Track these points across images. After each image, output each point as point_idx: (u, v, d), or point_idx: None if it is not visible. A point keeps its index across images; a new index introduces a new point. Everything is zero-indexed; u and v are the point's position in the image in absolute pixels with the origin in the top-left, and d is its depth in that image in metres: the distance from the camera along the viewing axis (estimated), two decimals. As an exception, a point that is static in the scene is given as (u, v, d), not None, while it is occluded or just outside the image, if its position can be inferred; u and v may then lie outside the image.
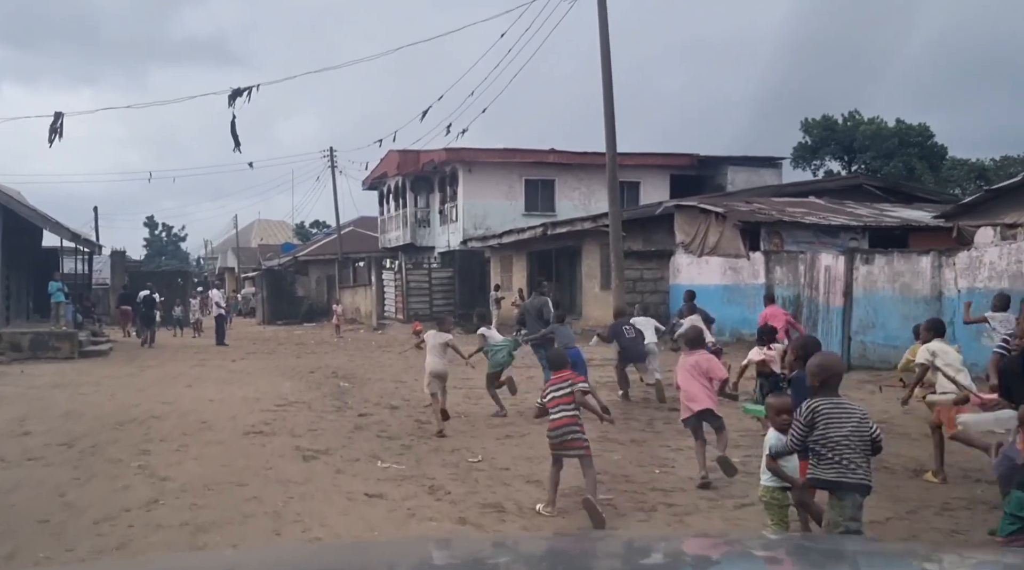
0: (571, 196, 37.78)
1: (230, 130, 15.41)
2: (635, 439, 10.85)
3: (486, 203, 37.02)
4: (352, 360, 23.05)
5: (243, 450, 10.40)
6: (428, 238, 40.49)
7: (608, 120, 19.89)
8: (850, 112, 41.05)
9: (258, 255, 58.13)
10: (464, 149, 36.51)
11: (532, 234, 29.93)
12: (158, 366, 21.38)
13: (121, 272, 41.60)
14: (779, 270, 19.56)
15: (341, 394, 15.96)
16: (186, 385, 16.98)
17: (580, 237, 28.28)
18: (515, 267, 33.37)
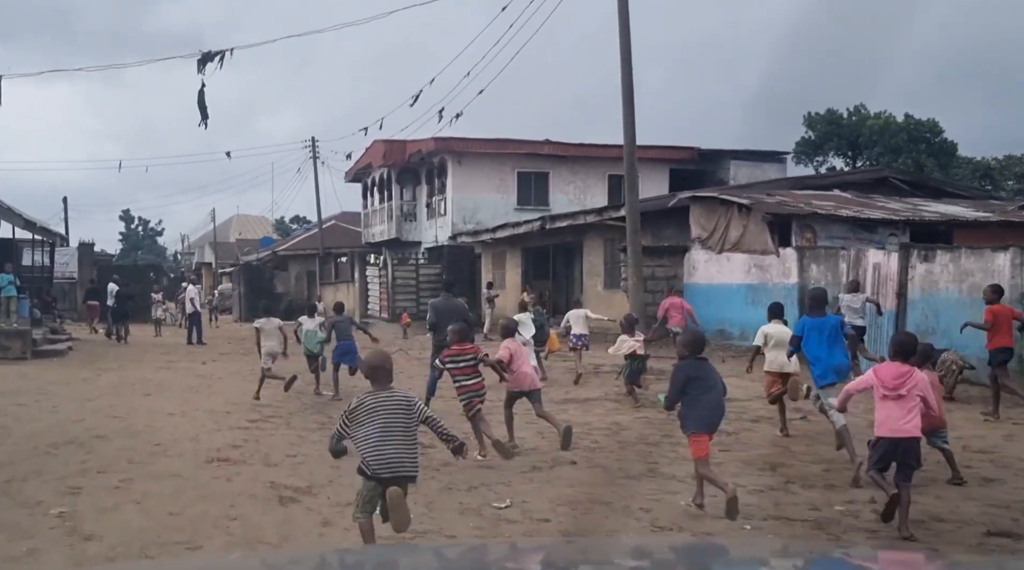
0: (566, 190, 35.56)
1: (197, 101, 13.01)
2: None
3: (477, 196, 34.73)
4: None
5: (202, 487, 8.06)
6: (415, 233, 38.12)
7: (626, 101, 17.65)
8: (855, 106, 39.16)
9: (236, 250, 55.49)
10: (454, 139, 34.23)
11: (528, 228, 27.66)
12: (118, 369, 18.93)
13: (89, 265, 38.95)
14: (815, 268, 17.38)
15: (325, 406, 13.66)
16: (145, 394, 14.57)
17: (581, 232, 26.04)
18: (508, 264, 31.08)
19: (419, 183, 38.05)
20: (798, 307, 17.75)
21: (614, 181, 36.03)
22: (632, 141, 18.01)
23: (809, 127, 40.20)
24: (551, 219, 26.46)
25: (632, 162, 17.94)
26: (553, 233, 27.17)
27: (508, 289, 30.50)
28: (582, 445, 10.06)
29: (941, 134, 37.79)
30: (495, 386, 10.59)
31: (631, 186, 17.97)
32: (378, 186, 40.06)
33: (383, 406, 5.66)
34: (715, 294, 20.21)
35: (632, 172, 18.08)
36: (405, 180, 38.30)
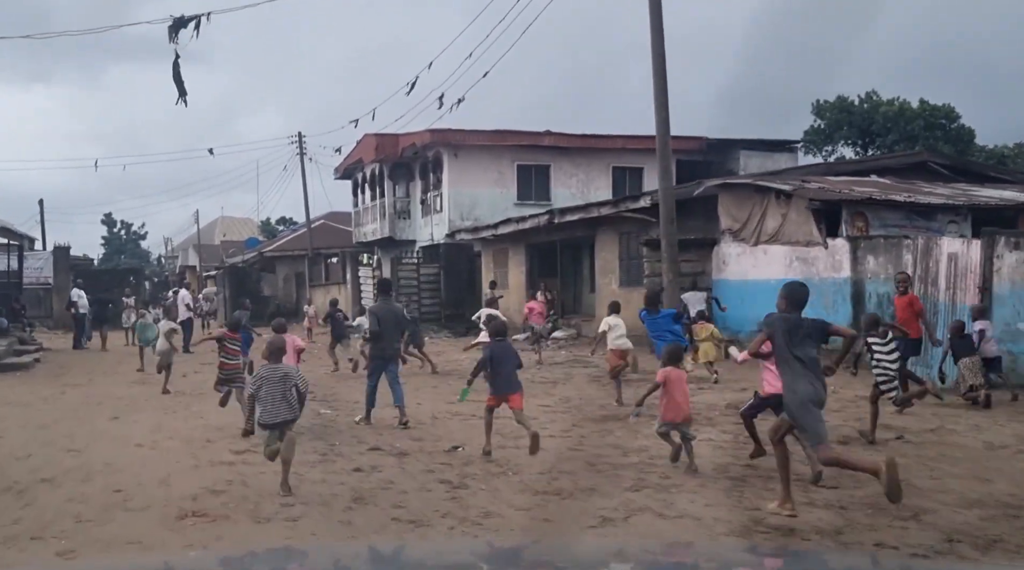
0: (568, 183, 33.44)
1: (173, 75, 10.85)
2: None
3: (474, 191, 32.58)
4: (333, 374, 18.55)
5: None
6: (409, 231, 35.94)
7: (658, 71, 15.52)
8: (867, 93, 37.17)
9: (221, 252, 53.11)
10: (449, 130, 32.08)
11: (535, 223, 25.52)
12: (87, 384, 16.70)
13: (65, 270, 36.54)
14: (872, 260, 15.32)
15: (324, 429, 11.51)
16: (112, 417, 12.35)
17: (593, 226, 23.93)
18: (511, 261, 28.94)
19: (413, 179, 35.88)
20: (851, 303, 15.75)
21: (618, 173, 34.05)
22: (665, 118, 15.89)
23: (818, 115, 38.23)
24: (560, 212, 24.34)
25: (665, 142, 15.82)
26: (561, 228, 25.05)
27: (512, 289, 28.38)
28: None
29: (958, 120, 35.90)
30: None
31: (664, 172, 15.84)
32: (369, 183, 37.85)
33: (271, 376, 7.96)
34: (750, 291, 18.15)
35: (665, 151, 15.95)
36: (398, 176, 36.11)
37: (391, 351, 11.92)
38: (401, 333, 12.43)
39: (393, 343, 12.00)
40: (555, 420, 11.64)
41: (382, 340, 11.79)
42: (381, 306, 12.31)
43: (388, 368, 11.79)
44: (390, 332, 11.91)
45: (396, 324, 12.10)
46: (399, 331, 12.32)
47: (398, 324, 12.21)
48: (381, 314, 12.11)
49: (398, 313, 12.36)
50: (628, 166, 34.13)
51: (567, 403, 13.25)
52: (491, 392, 9.36)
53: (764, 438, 8.01)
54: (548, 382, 15.80)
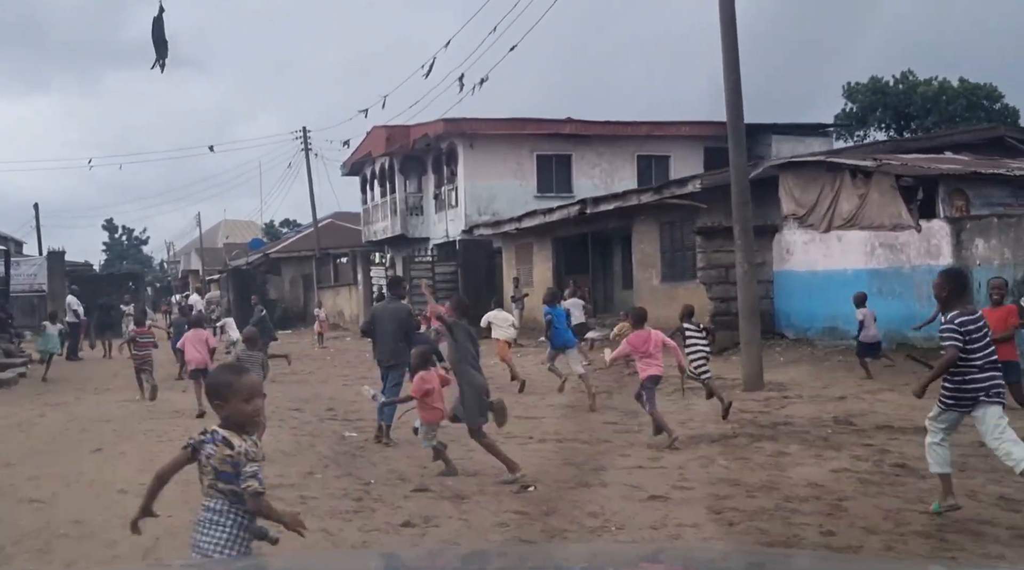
0: (591, 174, 31.20)
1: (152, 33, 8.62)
2: None
3: (491, 184, 30.33)
4: (351, 385, 16.34)
5: None
6: (422, 228, 33.67)
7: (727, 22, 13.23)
8: (902, 73, 34.90)
9: (224, 255, 50.89)
10: (464, 120, 29.86)
11: (564, 215, 23.25)
12: (73, 402, 14.48)
13: (60, 276, 34.28)
14: (982, 244, 13.05)
15: (352, 461, 9.33)
16: (93, 449, 10.10)
17: (629, 216, 21.66)
18: (536, 257, 26.68)
19: (425, 172, 33.61)
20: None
21: (643, 162, 31.82)
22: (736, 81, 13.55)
23: (849, 98, 35.96)
24: (593, 202, 22.06)
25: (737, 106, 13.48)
26: (593, 219, 22.80)
27: (537, 286, 26.10)
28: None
29: (1001, 99, 33.63)
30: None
31: (737, 143, 13.52)
32: (379, 178, 35.60)
33: (250, 361, 9.92)
34: (822, 284, 15.93)
35: (737, 120, 13.64)
36: (409, 170, 33.85)
37: (384, 355, 10.49)
38: (405, 335, 10.53)
39: (387, 346, 10.43)
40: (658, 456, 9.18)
41: (374, 342, 10.68)
42: (381, 305, 10.93)
43: (388, 375, 10.50)
44: (385, 334, 10.41)
45: (398, 326, 10.45)
46: (402, 333, 10.46)
47: (400, 326, 10.48)
48: (377, 313, 10.71)
49: (401, 314, 10.63)
50: (654, 154, 31.91)
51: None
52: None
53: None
54: (601, 391, 13.53)
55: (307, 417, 12.39)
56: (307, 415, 12.56)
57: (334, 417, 12.35)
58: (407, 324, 10.65)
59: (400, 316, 10.53)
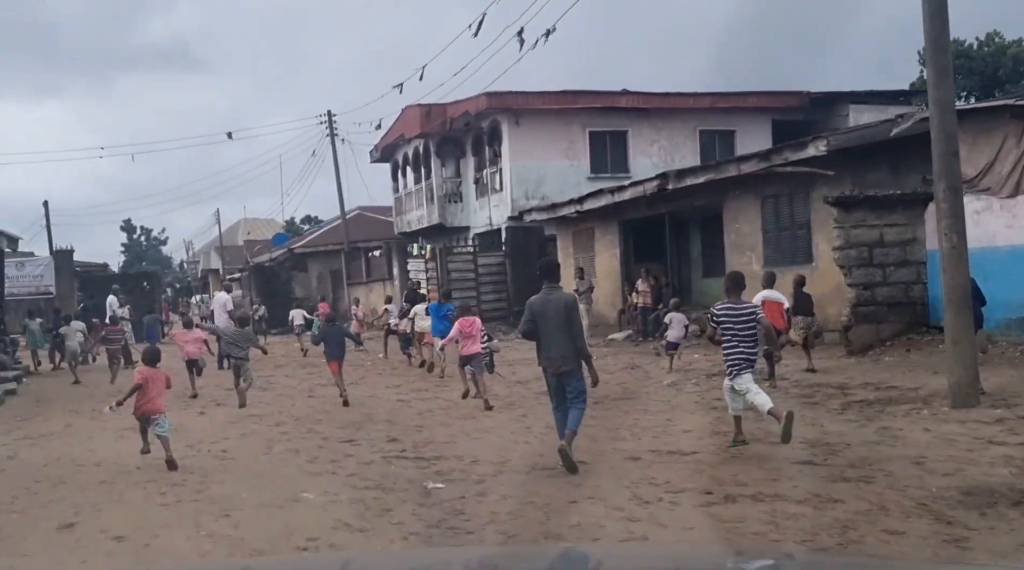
0: (648, 151, 27.80)
1: None
2: None
3: (540, 164, 26.97)
4: (406, 398, 13.04)
5: None
6: (461, 216, 30.32)
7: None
8: (987, 35, 31.21)
9: (245, 252, 47.66)
10: (510, 93, 26.58)
11: (638, 193, 19.79)
12: (60, 433, 11.19)
13: (69, 278, 31.19)
14: None
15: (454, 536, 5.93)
16: (61, 524, 6.71)
17: (721, 190, 18.20)
18: (599, 244, 23.23)
19: (464, 155, 30.25)
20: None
21: (706, 138, 28.42)
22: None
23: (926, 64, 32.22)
24: (677, 175, 18.59)
25: (941, 15, 9.87)
26: (672, 197, 19.36)
27: (601, 277, 22.76)
28: None
29: (1103, 59, 29.91)
30: None
31: (940, 74, 9.89)
32: (412, 163, 32.25)
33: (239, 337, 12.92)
34: (1004, 263, 12.44)
35: (940, 41, 10.01)
36: (446, 153, 30.49)
37: (554, 360, 8.07)
38: (575, 333, 8.21)
39: (557, 348, 8.05)
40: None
41: (539, 346, 8.24)
42: (540, 298, 8.19)
43: (559, 384, 8.13)
44: (551, 334, 8.09)
45: (566, 321, 8.09)
46: (572, 330, 8.13)
47: (569, 321, 8.12)
48: (537, 308, 8.18)
49: (567, 306, 8.15)
50: (717, 129, 28.48)
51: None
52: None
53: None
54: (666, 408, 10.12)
55: (365, 454, 9.04)
56: (365, 450, 9.22)
57: (403, 453, 8.99)
58: (576, 319, 8.16)
59: (567, 309, 8.07)
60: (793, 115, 28.14)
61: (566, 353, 7.98)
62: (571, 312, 8.08)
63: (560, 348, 7.96)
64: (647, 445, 8.87)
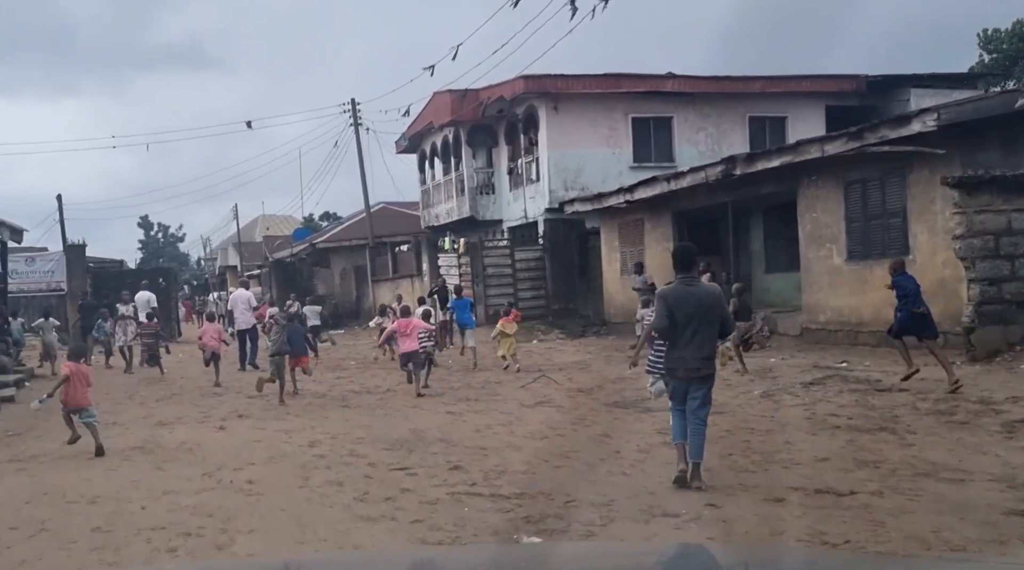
0: (695, 139, 25.90)
1: None
2: None
3: (579, 153, 25.12)
4: (455, 410, 11.20)
5: None
6: (493, 208, 28.46)
7: None
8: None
9: (264, 249, 45.98)
10: (548, 77, 24.78)
11: (698, 179, 17.88)
12: (56, 455, 9.36)
13: (81, 273, 29.46)
14: None
15: None
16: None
17: (793, 177, 16.27)
18: (650, 237, 21.30)
19: (496, 144, 28.40)
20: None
21: (756, 125, 26.49)
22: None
23: (986, 47, 30.26)
24: (746, 160, 16.66)
25: None
26: (736, 185, 17.45)
27: (651, 273, 20.80)
28: None
29: None
30: None
31: None
32: (441, 153, 30.41)
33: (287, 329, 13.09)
34: None
35: None
36: (477, 141, 28.63)
37: (691, 361, 7.08)
38: (719, 332, 7.46)
39: (697, 348, 7.07)
40: None
41: (670, 345, 7.27)
42: (680, 290, 7.13)
43: (689, 389, 7.11)
44: (690, 332, 7.07)
45: (711, 318, 7.15)
46: (716, 328, 7.24)
47: (714, 318, 7.17)
48: (672, 301, 7.14)
49: (712, 300, 7.17)
50: (768, 115, 26.53)
51: None
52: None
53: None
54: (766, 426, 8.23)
55: (426, 487, 7.18)
56: (424, 483, 7.37)
57: (474, 488, 7.12)
58: (724, 315, 7.26)
59: (713, 304, 7.10)
60: (848, 100, 26.18)
61: (707, 355, 7.04)
62: (717, 308, 7.09)
63: (699, 349, 6.97)
64: (782, 479, 6.99)
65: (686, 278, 7.24)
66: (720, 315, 7.22)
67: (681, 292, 7.13)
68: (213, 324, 17.11)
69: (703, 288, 7.31)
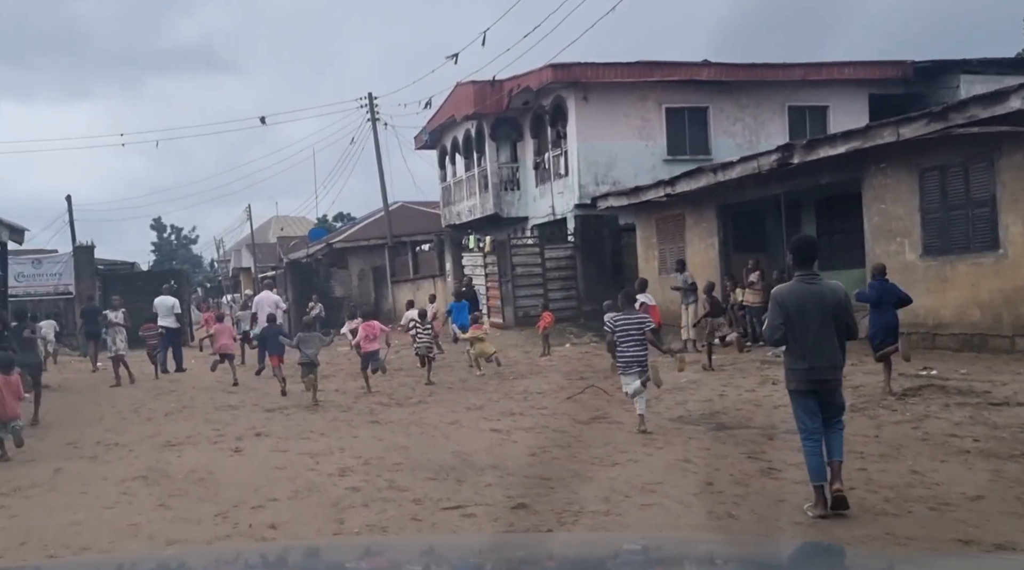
0: (731, 130, 24.44)
1: None
2: None
3: (610, 146, 23.68)
4: (501, 428, 9.78)
5: None
6: (518, 205, 27.03)
7: None
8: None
9: (278, 249, 44.70)
10: (577, 65, 23.38)
11: (749, 170, 16.42)
12: (48, 483, 8.02)
13: (90, 276, 28.25)
14: None
15: None
16: None
17: (857, 165, 14.80)
18: (692, 232, 19.83)
19: (521, 138, 26.97)
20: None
21: (796, 115, 24.98)
22: None
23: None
24: (806, 147, 15.17)
25: None
26: (790, 175, 16.01)
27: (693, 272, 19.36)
28: None
29: None
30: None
31: None
32: (463, 149, 29.00)
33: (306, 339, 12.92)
34: None
35: None
36: (501, 135, 27.20)
37: (819, 368, 6.05)
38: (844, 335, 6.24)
39: (822, 352, 6.07)
40: None
41: (791, 349, 6.16)
42: (798, 288, 6.14)
43: (822, 401, 6.07)
44: (811, 335, 6.02)
45: (834, 320, 6.08)
46: (841, 331, 6.14)
47: (838, 320, 6.09)
48: (790, 300, 6.14)
49: (836, 301, 6.15)
50: (808, 105, 25.02)
51: None
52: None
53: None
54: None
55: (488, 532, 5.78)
56: (484, 524, 6.00)
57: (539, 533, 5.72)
58: (850, 319, 6.20)
59: (837, 304, 6.10)
60: (893, 88, 24.65)
61: (836, 362, 6.08)
62: (843, 309, 6.11)
63: (828, 355, 6.01)
64: (938, 528, 5.56)
65: (807, 276, 6.20)
66: (846, 319, 6.14)
67: (801, 292, 6.10)
68: (225, 323, 17.43)
69: (826, 286, 6.21)
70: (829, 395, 6.09)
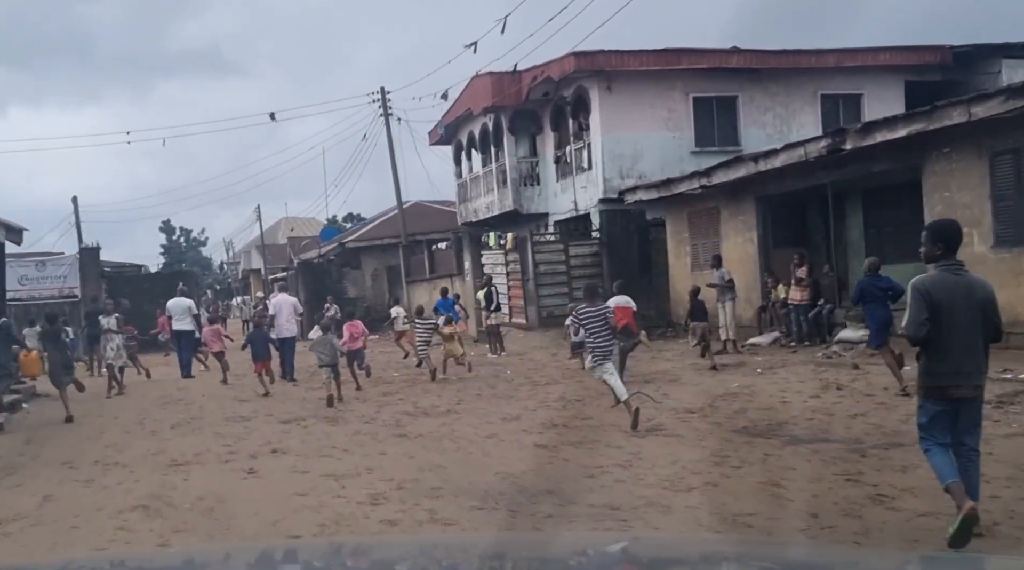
0: (761, 121, 23.26)
1: None
2: None
3: (636, 137, 22.53)
4: (543, 440, 8.65)
5: None
6: (539, 201, 25.88)
7: None
8: None
9: (288, 250, 43.67)
10: (601, 53, 22.24)
11: (795, 157, 15.24)
12: (35, 513, 6.93)
13: (96, 279, 27.23)
14: None
15: None
16: None
17: (918, 150, 13.62)
18: (727, 226, 18.66)
19: (540, 131, 25.85)
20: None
21: (828, 103, 23.78)
22: None
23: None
24: (860, 131, 13.99)
25: None
26: (839, 163, 14.84)
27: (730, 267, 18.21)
28: None
29: None
30: None
31: None
32: (479, 143, 27.87)
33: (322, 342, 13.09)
34: None
35: None
36: (519, 129, 26.09)
37: (964, 372, 5.12)
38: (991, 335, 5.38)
39: (967, 354, 5.19)
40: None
41: (931, 351, 5.19)
42: (949, 280, 5.15)
43: (960, 411, 5.19)
44: (958, 334, 5.13)
45: (983, 316, 5.20)
46: (989, 329, 5.28)
47: (988, 316, 5.24)
48: (937, 294, 5.16)
49: (985, 296, 5.26)
50: (841, 93, 23.82)
51: None
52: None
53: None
54: None
55: None
56: None
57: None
58: (997, 317, 5.25)
59: (985, 299, 5.18)
60: (931, 75, 23.43)
61: (982, 367, 5.25)
62: (992, 306, 5.26)
63: (976, 358, 5.18)
64: None
65: (952, 265, 5.23)
66: (995, 318, 5.25)
67: (948, 283, 5.18)
68: (213, 325, 17.85)
69: (975, 279, 5.35)
70: (969, 405, 5.17)
